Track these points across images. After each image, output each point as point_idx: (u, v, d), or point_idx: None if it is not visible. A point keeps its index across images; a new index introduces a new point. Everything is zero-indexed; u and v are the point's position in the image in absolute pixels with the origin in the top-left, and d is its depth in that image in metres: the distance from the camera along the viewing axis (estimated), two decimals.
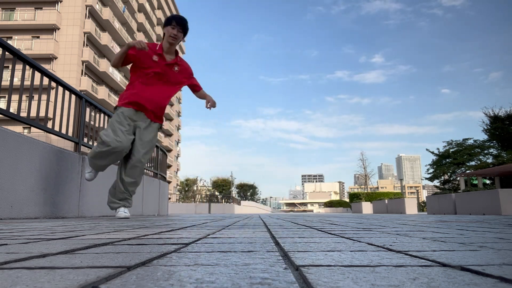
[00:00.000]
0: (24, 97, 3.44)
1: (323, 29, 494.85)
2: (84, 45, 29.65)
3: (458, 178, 23.45)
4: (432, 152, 28.82)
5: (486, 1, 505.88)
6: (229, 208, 26.00)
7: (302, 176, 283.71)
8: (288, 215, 8.10)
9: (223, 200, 29.55)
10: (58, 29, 29.09)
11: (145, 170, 6.99)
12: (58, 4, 29.66)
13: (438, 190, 25.41)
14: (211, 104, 3.96)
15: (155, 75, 3.68)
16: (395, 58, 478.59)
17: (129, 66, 3.77)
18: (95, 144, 4.03)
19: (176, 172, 55.17)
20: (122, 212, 3.75)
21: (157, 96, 3.73)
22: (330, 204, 47.21)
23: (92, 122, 4.82)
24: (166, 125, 49.56)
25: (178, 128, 58.62)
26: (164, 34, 3.76)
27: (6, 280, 0.49)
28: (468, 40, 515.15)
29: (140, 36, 40.09)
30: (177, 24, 3.65)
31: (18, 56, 3.28)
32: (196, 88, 4.07)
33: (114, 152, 3.55)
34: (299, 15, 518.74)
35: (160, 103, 3.78)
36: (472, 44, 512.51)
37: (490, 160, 24.26)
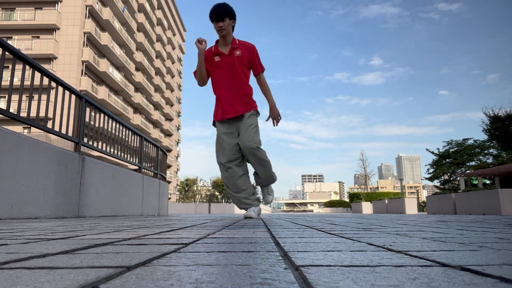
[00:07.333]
0: (24, 97, 3.45)
1: (322, 32, 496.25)
2: (84, 45, 29.65)
3: (458, 178, 23.44)
4: (432, 152, 28.79)
5: (482, 4, 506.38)
6: (229, 208, 25.99)
7: (302, 176, 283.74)
8: (288, 215, 8.10)
9: (223, 200, 29.52)
10: (58, 29, 29.09)
11: (144, 170, 6.99)
12: (58, 4, 29.66)
13: (438, 190, 25.39)
14: (274, 117, 3.80)
15: (226, 73, 3.69)
16: (393, 61, 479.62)
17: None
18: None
19: (176, 172, 55.16)
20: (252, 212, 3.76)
21: (234, 92, 3.70)
22: (330, 204, 47.11)
23: (92, 122, 4.82)
24: (166, 125, 49.53)
25: (178, 128, 58.61)
26: None
27: (6, 280, 0.49)
28: (465, 43, 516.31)
29: (140, 36, 40.06)
30: (215, 19, 3.61)
31: (18, 56, 3.28)
32: (254, 70, 3.85)
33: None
34: (299, 19, 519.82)
35: (238, 97, 3.72)
36: (470, 47, 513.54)
37: (490, 160, 24.23)
